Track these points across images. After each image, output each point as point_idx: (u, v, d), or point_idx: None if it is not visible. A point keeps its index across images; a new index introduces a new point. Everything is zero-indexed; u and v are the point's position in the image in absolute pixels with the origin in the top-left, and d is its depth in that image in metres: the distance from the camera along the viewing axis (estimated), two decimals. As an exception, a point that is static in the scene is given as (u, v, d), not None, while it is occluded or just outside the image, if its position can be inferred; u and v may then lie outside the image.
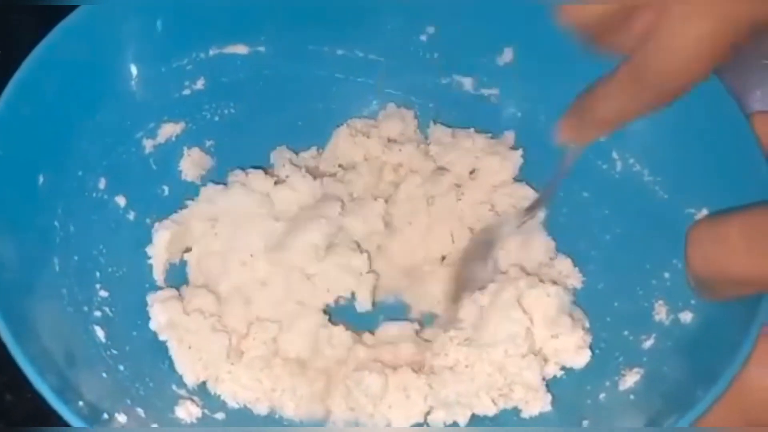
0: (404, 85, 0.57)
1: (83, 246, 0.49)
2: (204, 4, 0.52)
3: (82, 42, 0.49)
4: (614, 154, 0.53)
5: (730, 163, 0.47)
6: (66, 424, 0.39)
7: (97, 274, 0.49)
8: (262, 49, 0.55)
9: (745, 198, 0.44)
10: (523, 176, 0.56)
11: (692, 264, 0.41)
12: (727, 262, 0.39)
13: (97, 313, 0.48)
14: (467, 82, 0.56)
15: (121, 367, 0.46)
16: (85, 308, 0.47)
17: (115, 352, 0.47)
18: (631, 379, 0.47)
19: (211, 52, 0.54)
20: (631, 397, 0.46)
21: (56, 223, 0.48)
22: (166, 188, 0.54)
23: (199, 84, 0.55)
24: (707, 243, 0.40)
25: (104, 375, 0.45)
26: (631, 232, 0.52)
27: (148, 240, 0.52)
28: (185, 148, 0.55)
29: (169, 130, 0.54)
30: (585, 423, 0.46)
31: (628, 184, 0.53)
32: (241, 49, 0.55)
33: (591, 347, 0.49)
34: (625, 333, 0.49)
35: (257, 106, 0.56)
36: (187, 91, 0.54)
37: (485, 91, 0.56)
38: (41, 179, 0.47)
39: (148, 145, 0.54)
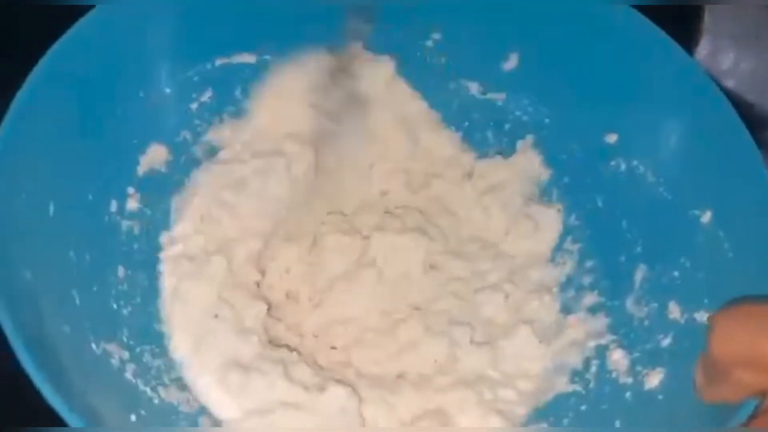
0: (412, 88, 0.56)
1: (101, 274, 0.47)
2: (206, 16, 0.50)
3: (81, 63, 0.46)
4: (619, 157, 0.54)
5: (731, 165, 0.49)
6: None
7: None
8: (268, 57, 0.53)
9: (747, 199, 0.47)
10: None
11: (717, 339, 0.39)
12: (760, 339, 0.38)
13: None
14: (474, 87, 0.56)
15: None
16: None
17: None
18: (655, 378, 0.48)
19: (218, 63, 0.52)
20: (660, 397, 0.47)
21: (72, 254, 0.45)
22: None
23: (206, 96, 0.52)
24: (740, 317, 0.39)
25: (133, 418, 0.43)
26: (638, 233, 0.53)
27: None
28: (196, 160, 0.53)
29: (180, 144, 0.52)
30: (617, 423, 0.47)
31: (632, 186, 0.54)
32: (248, 59, 0.53)
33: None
34: (641, 331, 0.51)
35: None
36: (194, 105, 0.52)
37: (492, 96, 0.56)
38: (52, 208, 0.44)
39: (157, 161, 0.51)
